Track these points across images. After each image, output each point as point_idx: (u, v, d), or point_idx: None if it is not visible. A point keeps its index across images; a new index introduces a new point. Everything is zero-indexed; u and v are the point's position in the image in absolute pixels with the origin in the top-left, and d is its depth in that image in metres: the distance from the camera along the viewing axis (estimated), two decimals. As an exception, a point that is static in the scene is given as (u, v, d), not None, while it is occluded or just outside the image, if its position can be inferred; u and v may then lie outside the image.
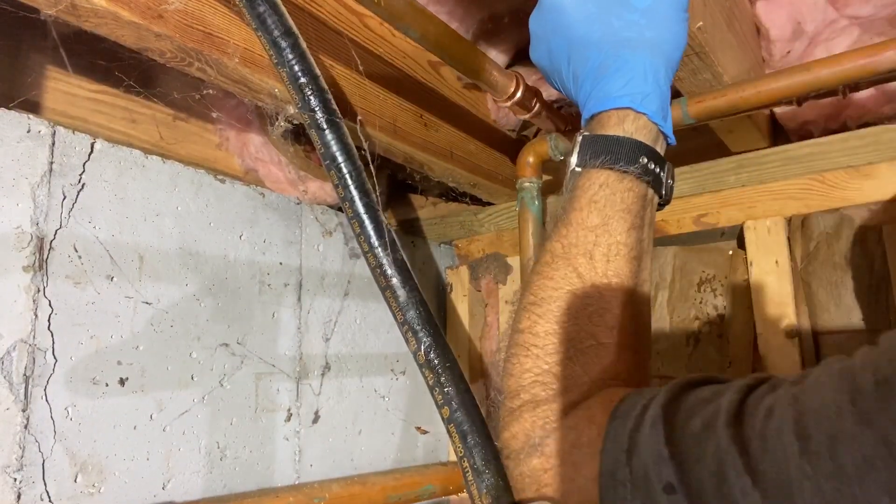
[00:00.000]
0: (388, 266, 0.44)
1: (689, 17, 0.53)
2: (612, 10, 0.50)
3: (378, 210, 0.45)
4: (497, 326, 1.13)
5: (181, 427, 0.72)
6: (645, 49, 0.49)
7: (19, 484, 0.58)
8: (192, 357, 0.74)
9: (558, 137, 0.80)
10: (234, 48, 0.58)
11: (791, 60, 0.75)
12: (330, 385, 0.91)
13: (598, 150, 0.48)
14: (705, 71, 0.64)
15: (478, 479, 0.41)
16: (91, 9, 0.49)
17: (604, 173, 0.48)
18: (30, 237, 0.61)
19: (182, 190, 0.76)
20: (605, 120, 0.49)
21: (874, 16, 0.71)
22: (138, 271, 0.70)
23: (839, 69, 0.61)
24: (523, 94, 0.69)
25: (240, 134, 0.88)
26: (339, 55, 0.69)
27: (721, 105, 0.67)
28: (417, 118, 0.83)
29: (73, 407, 0.63)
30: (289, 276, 0.88)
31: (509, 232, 1.11)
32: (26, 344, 0.60)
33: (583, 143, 0.49)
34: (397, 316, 0.44)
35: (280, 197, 0.89)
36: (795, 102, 0.66)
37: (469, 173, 0.95)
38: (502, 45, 0.89)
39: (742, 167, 0.85)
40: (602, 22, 0.50)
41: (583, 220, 0.47)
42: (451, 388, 0.42)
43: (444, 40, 0.59)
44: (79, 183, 0.66)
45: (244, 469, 0.78)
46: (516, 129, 0.98)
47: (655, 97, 0.49)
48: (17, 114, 0.62)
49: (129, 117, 0.78)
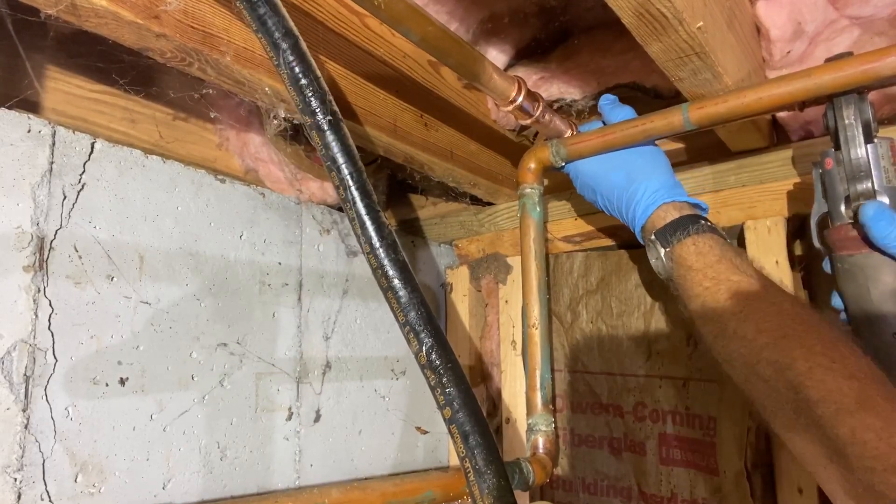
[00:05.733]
0: (389, 267, 0.44)
1: (690, 18, 0.55)
2: (618, 169, 0.75)
3: (379, 211, 0.45)
4: (497, 326, 1.13)
5: (181, 427, 0.72)
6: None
7: (19, 484, 0.58)
8: (193, 357, 0.74)
9: (560, 143, 0.79)
10: (234, 48, 0.58)
11: (791, 60, 0.74)
12: (330, 385, 0.91)
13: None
14: (705, 71, 0.64)
15: (479, 479, 0.41)
16: (91, 9, 0.49)
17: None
18: (30, 237, 0.61)
19: (182, 190, 0.76)
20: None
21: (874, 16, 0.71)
22: (138, 271, 0.70)
23: (841, 75, 0.61)
24: (524, 98, 0.69)
25: (240, 134, 0.88)
26: (339, 55, 0.69)
27: (722, 111, 0.67)
28: (418, 118, 0.83)
29: (73, 407, 0.63)
30: (289, 275, 0.88)
31: (509, 232, 1.10)
32: (26, 344, 0.60)
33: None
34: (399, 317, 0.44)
35: (280, 197, 0.89)
36: (797, 107, 0.66)
37: (469, 173, 0.95)
38: (503, 45, 0.89)
39: (742, 167, 0.85)
40: (616, 175, 0.76)
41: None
42: (452, 388, 0.42)
43: (444, 44, 0.59)
44: (79, 183, 0.66)
45: (244, 469, 0.78)
46: (517, 129, 0.98)
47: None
48: (17, 114, 0.62)
49: (129, 117, 0.78)
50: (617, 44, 0.84)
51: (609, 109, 0.78)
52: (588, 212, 1.00)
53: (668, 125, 0.71)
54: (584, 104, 0.88)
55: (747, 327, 0.58)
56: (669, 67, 0.64)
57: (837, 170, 0.64)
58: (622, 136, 0.74)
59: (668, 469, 0.94)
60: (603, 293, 1.03)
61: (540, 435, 0.80)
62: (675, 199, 0.71)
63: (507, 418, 1.06)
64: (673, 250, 0.68)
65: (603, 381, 1.02)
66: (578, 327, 1.05)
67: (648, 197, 0.72)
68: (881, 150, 0.62)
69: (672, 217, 0.70)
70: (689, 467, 0.92)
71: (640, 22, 0.56)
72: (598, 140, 0.76)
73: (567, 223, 1.03)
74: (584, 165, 0.79)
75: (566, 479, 1.04)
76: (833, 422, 0.48)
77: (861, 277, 0.62)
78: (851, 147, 0.63)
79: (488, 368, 1.14)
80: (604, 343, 1.03)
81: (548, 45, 0.92)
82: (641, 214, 0.72)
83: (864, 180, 0.62)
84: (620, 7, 0.54)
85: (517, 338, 1.08)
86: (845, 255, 0.63)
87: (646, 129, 0.72)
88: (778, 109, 0.67)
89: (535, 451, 0.80)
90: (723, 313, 0.61)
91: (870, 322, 0.62)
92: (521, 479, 0.73)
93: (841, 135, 0.63)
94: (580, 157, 0.79)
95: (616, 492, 0.99)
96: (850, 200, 0.63)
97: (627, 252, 1.02)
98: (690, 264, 0.66)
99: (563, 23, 0.90)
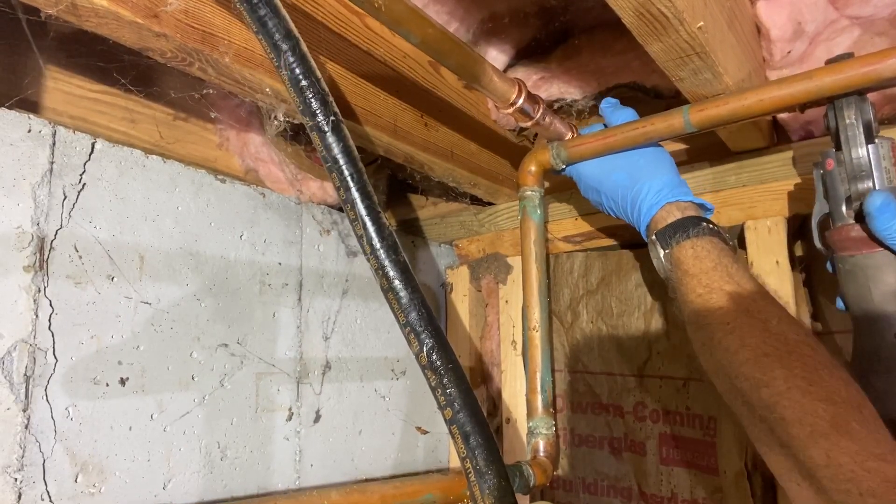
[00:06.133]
0: (390, 268, 0.44)
1: (691, 18, 0.55)
2: (620, 170, 0.76)
3: (380, 212, 0.45)
4: (497, 326, 1.13)
5: (181, 427, 0.72)
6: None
7: (20, 484, 0.58)
8: (193, 357, 0.74)
9: (560, 146, 0.79)
10: (234, 48, 0.58)
11: (792, 60, 0.74)
12: (330, 385, 0.91)
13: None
14: (706, 71, 0.64)
15: (480, 480, 0.41)
16: (91, 9, 0.49)
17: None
18: (30, 237, 0.61)
19: (182, 190, 0.76)
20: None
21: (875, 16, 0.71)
22: (139, 271, 0.70)
23: (842, 77, 0.61)
24: (525, 100, 0.69)
25: (240, 134, 0.88)
26: (339, 56, 0.69)
27: (723, 113, 0.67)
28: (418, 118, 0.83)
29: (73, 407, 0.63)
30: (289, 275, 0.88)
31: (509, 232, 1.10)
32: (27, 344, 0.60)
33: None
34: (399, 317, 0.44)
35: (280, 197, 0.89)
36: (798, 109, 0.66)
37: (469, 173, 0.95)
38: (503, 45, 0.89)
39: (742, 167, 0.85)
40: (619, 175, 0.76)
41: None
42: (453, 389, 0.42)
43: (444, 46, 0.59)
44: (79, 183, 0.66)
45: (244, 469, 0.78)
46: (517, 129, 0.98)
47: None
48: (17, 114, 0.62)
49: (130, 117, 0.78)
50: (617, 44, 0.84)
51: (610, 112, 0.78)
52: (588, 212, 1.00)
53: (669, 127, 0.71)
54: (584, 104, 0.88)
55: (732, 340, 0.58)
56: (670, 67, 0.64)
57: (838, 170, 0.64)
58: (623, 138, 0.74)
59: (669, 469, 0.94)
60: (603, 293, 1.03)
61: (540, 438, 0.80)
62: (679, 199, 0.71)
63: (508, 418, 1.06)
64: (672, 252, 0.68)
65: (603, 381, 1.02)
66: (579, 327, 1.05)
67: (652, 196, 0.71)
68: (882, 150, 0.62)
69: (674, 218, 0.70)
70: (690, 467, 0.92)
71: (641, 22, 0.56)
72: (598, 142, 0.76)
73: (567, 223, 1.03)
74: (587, 167, 0.79)
75: (566, 479, 1.04)
76: (807, 443, 0.49)
77: (862, 278, 0.62)
78: (852, 147, 0.63)
79: (488, 368, 1.14)
80: (604, 343, 1.03)
81: (548, 45, 0.92)
82: (645, 214, 0.72)
83: (865, 180, 0.62)
84: (621, 7, 0.54)
85: (517, 338, 1.08)
86: (846, 255, 0.63)
87: (646, 132, 0.72)
88: (779, 111, 0.67)
89: (535, 454, 0.80)
90: (711, 323, 0.61)
91: (871, 322, 0.62)
92: (522, 482, 0.73)
93: (842, 135, 0.63)
94: (581, 159, 0.79)
95: (616, 492, 0.99)
96: (851, 201, 0.63)
97: (628, 252, 1.02)
98: (687, 268, 0.66)
99: (563, 23, 0.90)
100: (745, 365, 0.56)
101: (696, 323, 0.64)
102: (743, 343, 0.57)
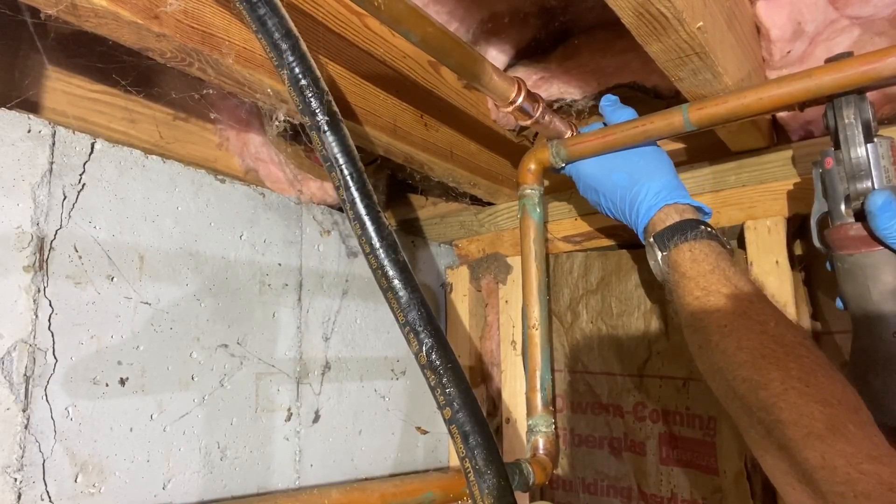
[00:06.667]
0: (389, 268, 0.44)
1: (690, 18, 0.55)
2: (619, 170, 0.76)
3: (380, 212, 0.45)
4: (497, 326, 1.13)
5: (181, 427, 0.72)
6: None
7: (20, 484, 0.58)
8: (193, 357, 0.74)
9: (560, 144, 0.79)
10: (234, 49, 0.58)
11: (791, 60, 0.74)
12: (330, 385, 0.91)
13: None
14: (705, 71, 0.64)
15: (479, 479, 0.41)
16: (91, 9, 0.49)
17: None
18: (30, 237, 0.61)
19: (182, 190, 0.76)
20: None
21: (875, 16, 0.71)
22: (138, 271, 0.70)
23: (841, 75, 0.61)
24: (524, 99, 0.69)
25: (240, 134, 0.88)
26: (339, 56, 0.69)
27: (722, 112, 0.67)
28: (417, 118, 0.83)
29: (73, 407, 0.63)
30: (289, 276, 0.88)
31: (509, 232, 1.10)
32: (27, 344, 0.60)
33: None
34: (399, 317, 0.44)
35: (280, 197, 0.89)
36: (798, 108, 0.66)
37: (469, 173, 0.95)
38: (503, 45, 0.89)
39: (742, 167, 0.85)
40: (618, 176, 0.76)
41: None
42: (452, 389, 0.42)
43: (444, 45, 0.59)
44: (79, 183, 0.66)
45: (244, 469, 0.78)
46: (517, 129, 0.98)
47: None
48: (17, 114, 0.62)
49: (129, 117, 0.78)
50: (617, 44, 0.84)
51: (610, 111, 0.78)
52: (588, 212, 1.00)
53: (669, 126, 0.71)
54: (584, 104, 0.88)
55: (729, 342, 0.58)
56: (669, 67, 0.64)
57: (837, 169, 0.64)
58: (622, 136, 0.74)
59: (669, 469, 0.94)
60: (603, 293, 1.03)
61: (540, 436, 0.80)
62: (677, 202, 0.71)
63: (507, 418, 1.06)
64: (669, 255, 0.68)
65: (603, 380, 1.02)
66: (578, 327, 1.05)
67: (651, 198, 0.71)
68: (881, 149, 0.62)
69: (672, 220, 0.69)
70: (689, 467, 0.92)
71: (640, 22, 0.56)
72: (598, 141, 0.76)
73: (567, 223, 1.03)
74: (586, 167, 0.79)
75: (566, 479, 1.04)
76: (803, 445, 0.49)
77: (861, 277, 0.62)
78: (851, 146, 0.63)
79: (488, 368, 1.14)
80: (604, 343, 1.03)
81: (548, 45, 0.92)
82: (644, 216, 0.72)
83: (864, 179, 0.62)
84: (620, 7, 0.54)
85: (517, 338, 1.08)
86: (845, 254, 0.63)
87: (646, 130, 0.72)
88: (778, 110, 0.67)
89: (535, 453, 0.80)
90: (708, 325, 0.61)
91: (870, 321, 0.62)
92: (522, 481, 0.73)
93: (841, 134, 0.63)
94: (581, 157, 0.79)
95: (616, 492, 0.99)
96: (850, 200, 0.63)
97: (627, 252, 1.02)
98: (684, 271, 0.66)
99: (563, 23, 0.90)
100: (742, 367, 0.56)
101: (692, 325, 0.64)
102: (740, 345, 0.57)
